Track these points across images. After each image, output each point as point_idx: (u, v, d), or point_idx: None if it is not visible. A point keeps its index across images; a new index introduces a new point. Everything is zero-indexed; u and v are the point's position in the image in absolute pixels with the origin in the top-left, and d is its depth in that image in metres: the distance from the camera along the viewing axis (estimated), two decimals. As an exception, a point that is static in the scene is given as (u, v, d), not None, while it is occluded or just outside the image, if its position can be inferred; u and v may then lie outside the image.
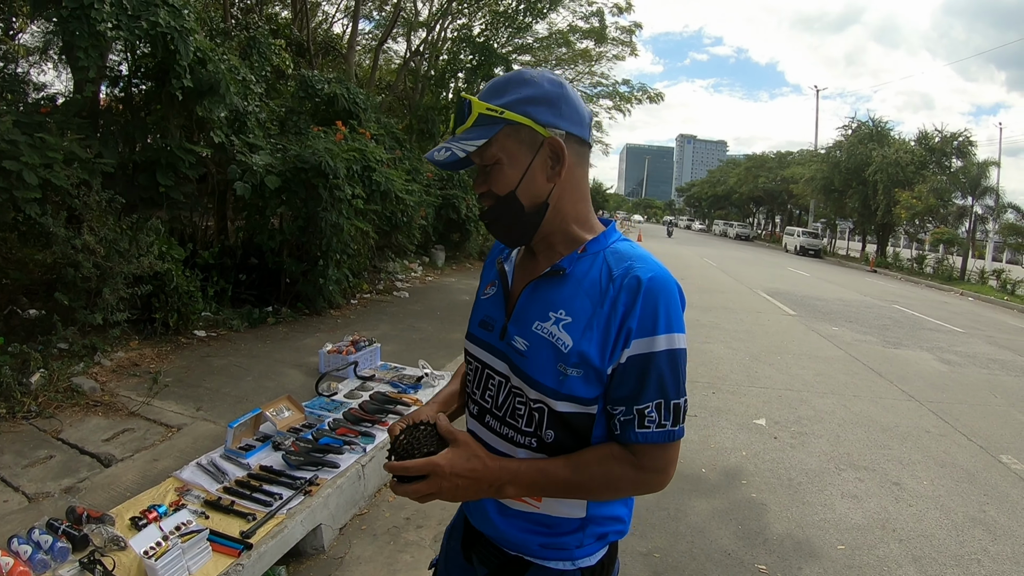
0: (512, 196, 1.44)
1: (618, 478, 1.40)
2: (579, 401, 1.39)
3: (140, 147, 8.03)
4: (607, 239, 1.52)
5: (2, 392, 5.20)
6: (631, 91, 34.06)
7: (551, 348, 1.40)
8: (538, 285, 1.49)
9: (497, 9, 21.69)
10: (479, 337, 1.60)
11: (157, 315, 7.32)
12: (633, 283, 1.38)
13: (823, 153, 45.00)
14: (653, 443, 1.38)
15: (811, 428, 6.41)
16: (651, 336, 1.35)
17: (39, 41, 10.29)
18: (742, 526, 4.35)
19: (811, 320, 13.38)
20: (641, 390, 1.36)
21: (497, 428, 1.51)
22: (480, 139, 1.40)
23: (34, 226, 6.24)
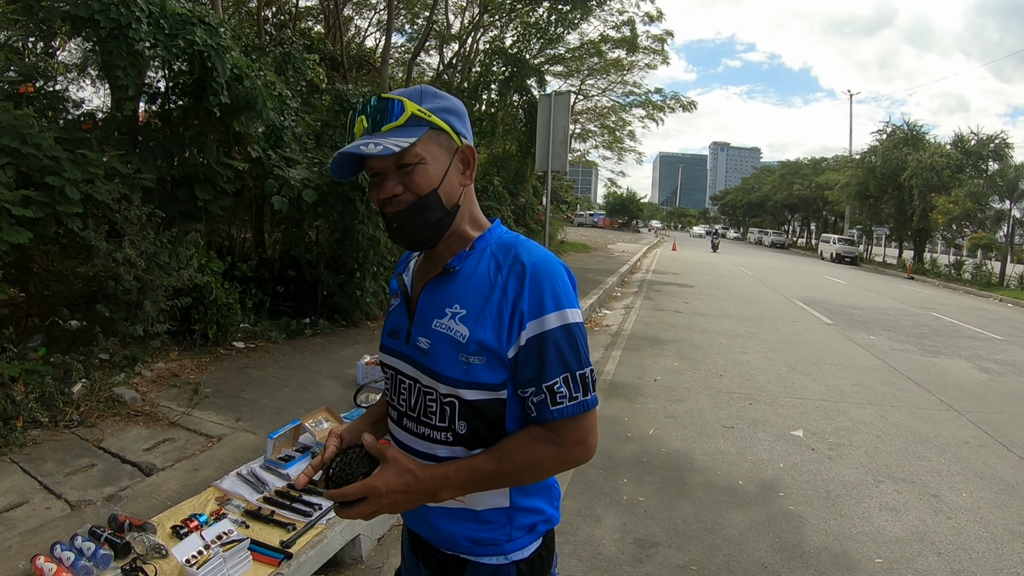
0: (434, 194, 1.48)
1: (542, 458, 1.45)
2: (486, 387, 1.46)
3: (178, 162, 8.15)
4: (492, 234, 1.61)
5: (45, 401, 5.32)
6: (664, 100, 34.03)
7: (450, 341, 1.46)
8: (434, 286, 1.56)
9: (528, 20, 21.77)
10: (389, 346, 1.66)
11: (196, 327, 7.44)
12: (519, 268, 1.46)
13: (858, 158, 44.42)
14: (569, 417, 1.43)
15: (848, 439, 6.33)
16: (542, 316, 1.42)
17: (77, 59, 10.51)
18: (779, 539, 4.30)
19: (848, 329, 13.24)
20: (544, 368, 1.42)
21: (414, 428, 1.56)
22: (410, 137, 1.44)
23: (76, 240, 6.37)
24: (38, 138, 5.76)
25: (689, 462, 5.54)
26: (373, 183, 1.52)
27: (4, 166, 5.46)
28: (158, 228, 6.91)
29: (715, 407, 7.09)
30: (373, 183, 1.52)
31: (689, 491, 4.96)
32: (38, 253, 7.51)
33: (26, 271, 6.93)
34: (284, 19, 21.22)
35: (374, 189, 1.52)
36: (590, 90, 34.45)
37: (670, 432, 6.24)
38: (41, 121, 6.02)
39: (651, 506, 4.67)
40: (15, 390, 5.19)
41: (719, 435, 6.22)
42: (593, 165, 50.02)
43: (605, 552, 4.02)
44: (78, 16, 6.32)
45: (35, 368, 5.56)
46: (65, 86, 8.75)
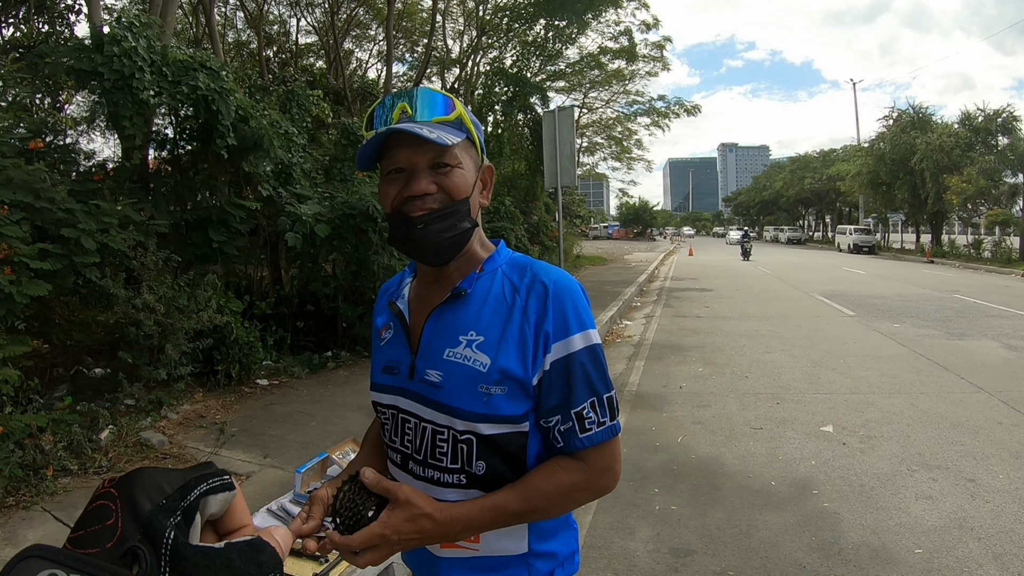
0: (467, 202, 1.41)
1: (571, 489, 1.37)
2: (509, 420, 1.35)
3: (191, 206, 8.23)
4: (500, 255, 1.52)
5: (73, 449, 5.37)
6: (668, 106, 34.08)
7: (468, 372, 1.36)
8: (441, 313, 1.45)
9: (526, 39, 21.88)
10: (385, 384, 1.52)
11: (219, 367, 7.48)
12: (540, 289, 1.39)
13: (867, 147, 44.19)
14: (598, 443, 1.36)
15: (879, 431, 6.28)
16: (568, 337, 1.36)
17: (84, 112, 10.66)
18: (816, 537, 4.26)
19: (871, 319, 13.16)
20: (572, 393, 1.35)
21: (420, 472, 1.42)
22: (459, 136, 1.37)
23: (94, 289, 6.47)
24: (51, 192, 5.84)
25: (720, 467, 5.51)
26: (393, 179, 1.39)
27: (19, 221, 5.53)
28: (175, 272, 6.99)
29: (742, 409, 7.06)
30: (393, 179, 1.39)
31: (721, 496, 4.93)
32: (58, 304, 7.60)
33: (48, 322, 7.02)
34: (286, 57, 21.47)
35: (393, 185, 1.39)
36: (594, 103, 34.71)
37: (699, 438, 6.21)
38: (53, 175, 6.11)
39: (684, 514, 4.65)
40: (43, 440, 5.24)
41: (748, 437, 6.19)
42: (603, 177, 50.09)
43: (640, 564, 4.00)
44: (82, 70, 6.42)
45: (62, 417, 5.61)
46: (75, 139, 8.88)
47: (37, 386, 5.57)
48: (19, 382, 5.19)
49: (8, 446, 4.93)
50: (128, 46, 6.52)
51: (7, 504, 4.73)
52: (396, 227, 1.41)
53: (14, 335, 5.49)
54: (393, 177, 1.39)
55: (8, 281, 5.26)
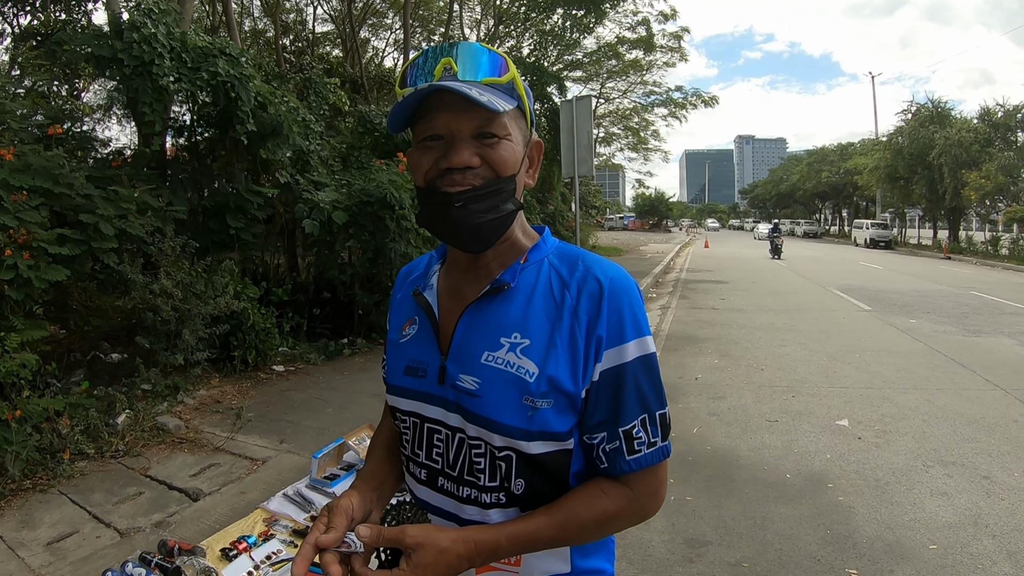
0: (512, 180, 1.23)
1: (612, 516, 1.22)
2: (554, 437, 1.20)
3: (208, 192, 8.26)
4: (546, 244, 1.34)
5: (90, 433, 5.42)
6: (685, 97, 33.94)
7: (512, 380, 1.19)
8: (478, 308, 1.26)
9: (544, 28, 21.83)
10: (408, 388, 1.33)
11: (236, 353, 7.53)
12: (594, 287, 1.22)
13: (884, 141, 43.76)
14: (647, 467, 1.21)
15: (895, 426, 6.23)
16: (622, 344, 1.20)
17: (102, 100, 10.70)
18: (830, 531, 4.23)
19: (887, 314, 13.07)
20: (621, 408, 1.19)
21: (454, 491, 1.26)
22: (511, 103, 1.18)
23: (112, 274, 6.50)
24: (70, 178, 5.88)
25: (735, 459, 5.49)
26: (428, 147, 1.20)
27: (38, 206, 5.57)
28: (192, 258, 7.02)
29: (758, 402, 7.03)
30: (428, 147, 1.20)
31: (736, 488, 4.91)
32: (76, 290, 7.65)
33: (65, 308, 7.07)
34: (302, 46, 21.46)
35: (428, 154, 1.20)
36: (611, 93, 34.52)
37: (714, 430, 6.19)
38: (71, 161, 6.14)
39: (699, 505, 4.63)
40: (61, 424, 5.29)
41: (763, 430, 6.16)
42: (620, 168, 49.87)
43: (655, 554, 3.99)
44: (101, 56, 6.43)
45: (79, 402, 5.66)
46: (92, 126, 8.92)
47: (54, 370, 5.62)
48: (37, 366, 5.23)
49: (26, 429, 4.97)
50: (147, 32, 6.53)
51: (24, 487, 4.78)
52: (429, 204, 1.23)
53: (32, 320, 5.53)
54: (429, 145, 1.20)
55: (27, 266, 5.30)
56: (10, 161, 5.63)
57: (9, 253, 5.23)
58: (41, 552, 3.97)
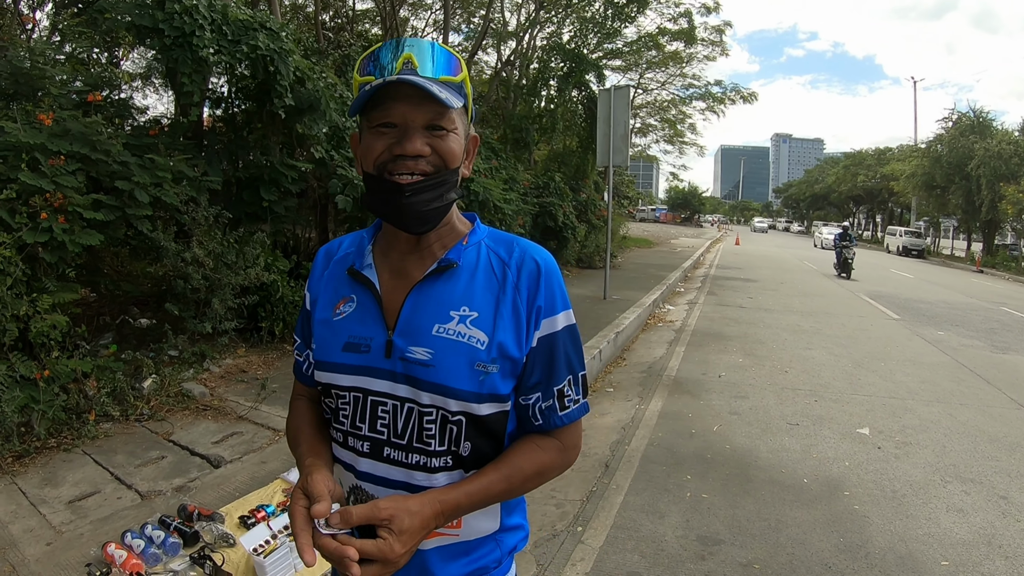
0: (456, 171, 1.34)
1: (549, 467, 1.39)
2: (499, 399, 1.32)
3: (243, 164, 8.31)
4: (480, 229, 1.46)
5: (116, 396, 5.52)
6: (724, 92, 33.63)
7: (464, 349, 1.29)
8: (425, 285, 1.36)
9: (585, 15, 21.69)
10: (349, 364, 1.37)
11: (263, 324, 7.61)
12: (532, 266, 1.36)
13: (923, 147, 43.09)
14: (574, 421, 1.40)
15: (915, 438, 6.17)
16: (554, 315, 1.36)
17: (141, 68, 10.77)
18: (843, 539, 4.22)
19: (915, 324, 12.92)
20: (554, 370, 1.36)
21: (402, 459, 1.33)
22: (460, 100, 1.29)
23: (145, 241, 6.57)
24: (107, 144, 5.93)
25: (753, 459, 5.48)
26: (382, 133, 1.28)
27: (75, 171, 5.63)
28: (225, 229, 7.07)
29: (780, 404, 7.00)
30: (382, 133, 1.28)
31: (753, 488, 4.91)
32: (108, 254, 7.75)
33: (97, 272, 7.16)
34: (341, 22, 21.45)
35: (381, 140, 1.27)
36: (649, 84, 34.25)
37: (734, 429, 6.18)
38: (109, 128, 6.19)
39: (715, 503, 4.64)
40: (87, 385, 5.38)
41: (784, 432, 6.14)
42: (654, 160, 49.50)
43: (668, 548, 4.00)
44: (142, 26, 6.47)
45: (106, 364, 5.74)
46: (130, 94, 8.98)
47: (84, 333, 5.70)
48: (67, 328, 5.32)
49: (53, 389, 5.06)
50: (189, 4, 6.56)
51: (49, 445, 4.89)
52: (377, 191, 1.31)
53: (64, 282, 5.60)
54: (382, 131, 1.28)
55: (61, 230, 5.37)
56: (49, 126, 5.68)
57: (45, 216, 5.30)
58: (62, 510, 4.05)
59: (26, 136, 5.43)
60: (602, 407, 6.78)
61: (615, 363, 8.68)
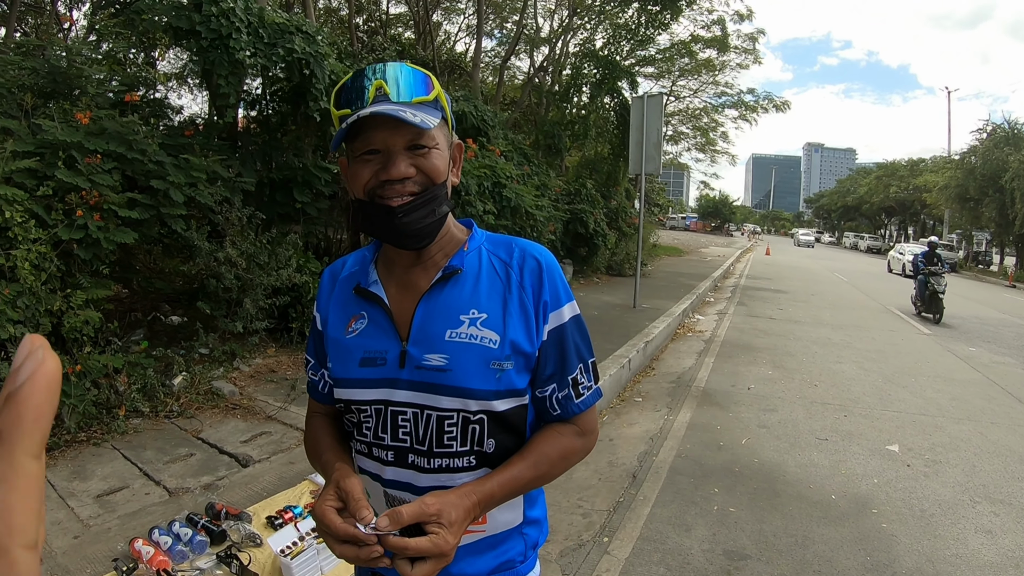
0: (444, 185, 1.37)
1: (571, 451, 1.43)
2: (517, 394, 1.37)
3: (276, 166, 8.38)
4: (478, 234, 1.51)
5: (146, 392, 5.58)
6: (757, 100, 33.42)
7: (478, 350, 1.33)
8: (433, 294, 1.40)
9: (618, 22, 21.64)
10: (368, 378, 1.40)
11: (294, 325, 7.65)
12: (533, 264, 1.41)
13: (957, 159, 42.42)
14: (590, 407, 1.45)
15: (945, 456, 6.07)
16: (560, 308, 1.40)
17: (176, 68, 10.89)
18: (870, 557, 4.16)
19: (947, 340, 12.73)
20: (566, 360, 1.40)
21: (425, 464, 1.36)
22: (437, 116, 1.32)
23: (178, 240, 6.65)
24: (143, 144, 6.00)
25: (781, 474, 5.43)
26: (367, 160, 1.32)
27: (111, 170, 5.71)
28: (258, 229, 7.13)
29: (809, 418, 6.93)
30: (367, 160, 1.32)
31: (781, 504, 4.86)
32: (141, 252, 7.86)
33: (130, 269, 7.25)
34: (375, 26, 21.59)
35: (367, 167, 1.31)
36: (681, 91, 34.09)
37: (763, 442, 6.13)
38: (145, 128, 6.27)
39: (742, 517, 4.60)
40: (118, 381, 5.45)
41: (812, 447, 6.08)
42: (685, 168, 49.25)
43: (693, 562, 3.97)
44: (179, 28, 6.54)
45: (137, 360, 5.81)
46: (165, 94, 9.08)
47: (116, 329, 5.77)
48: (99, 324, 5.40)
49: (84, 384, 5.13)
50: (226, 7, 6.63)
51: (79, 439, 4.96)
52: (370, 215, 1.35)
53: (98, 278, 5.68)
54: (367, 159, 1.32)
55: (96, 227, 5.45)
56: (86, 125, 5.77)
57: (80, 214, 5.38)
58: (90, 503, 4.09)
59: (63, 134, 5.52)
60: (630, 417, 6.74)
61: (644, 373, 8.63)
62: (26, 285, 4.87)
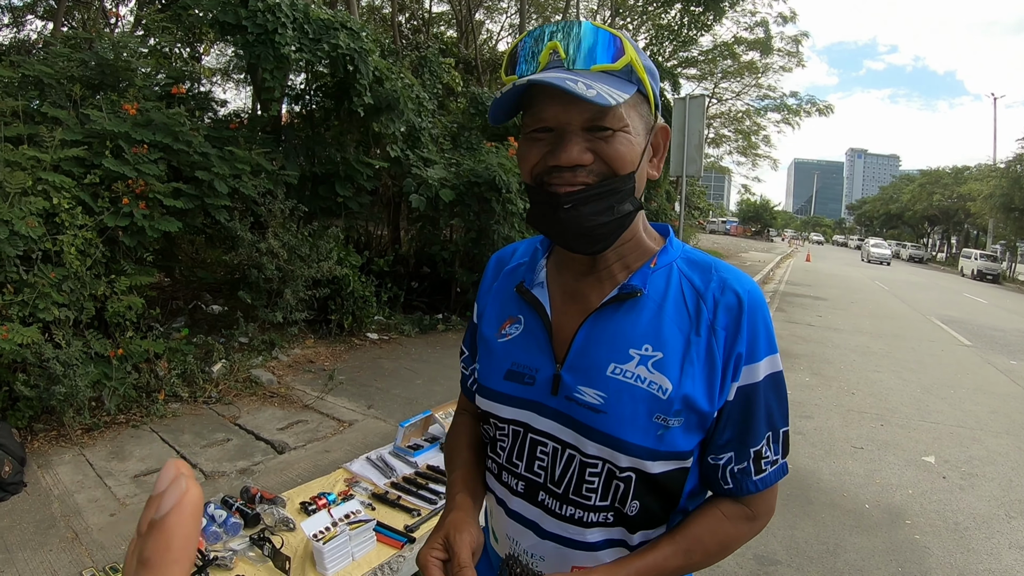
0: (631, 177, 1.10)
1: (734, 539, 1.20)
2: (679, 456, 1.12)
3: (319, 160, 8.47)
4: (673, 247, 1.23)
5: (186, 378, 5.71)
6: (800, 104, 33.10)
7: (643, 396, 1.10)
8: (602, 315, 1.16)
9: (660, 23, 21.56)
10: (511, 395, 1.22)
11: (333, 317, 7.79)
12: (732, 300, 1.13)
13: (1002, 167, 41.59)
14: (770, 487, 1.18)
15: (982, 470, 5.98)
16: (756, 362, 1.12)
17: (220, 64, 11.02)
18: (902, 568, 4.11)
19: (987, 352, 12.51)
20: (752, 426, 1.14)
21: (556, 508, 1.18)
22: (627, 91, 1.05)
23: (221, 230, 6.75)
24: (188, 135, 6.12)
25: (815, 481, 5.39)
26: (537, 139, 1.10)
27: (157, 160, 5.82)
28: (299, 222, 7.23)
29: (845, 426, 6.86)
30: (537, 139, 1.10)
31: (813, 511, 4.83)
32: (184, 241, 7.99)
33: (173, 257, 7.38)
34: (417, 24, 21.64)
35: (536, 147, 1.10)
36: (724, 93, 33.88)
37: (798, 449, 6.06)
38: (191, 120, 6.37)
39: (773, 523, 4.52)
40: (159, 366, 5.57)
41: (847, 455, 6.01)
42: (726, 171, 48.84)
43: (723, 566, 3.94)
44: (226, 22, 6.64)
45: (178, 347, 5.92)
46: (209, 88, 9.22)
47: (157, 315, 5.90)
48: (142, 310, 5.51)
49: (125, 368, 5.25)
50: (272, 2, 6.71)
51: (118, 421, 5.08)
52: (536, 203, 1.13)
53: (141, 266, 5.79)
54: (538, 136, 1.10)
55: (142, 215, 5.56)
56: (133, 115, 5.89)
57: (126, 201, 5.51)
58: (128, 483, 4.19)
59: (111, 124, 5.65)
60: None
61: (681, 374, 8.56)
62: (72, 270, 4.98)
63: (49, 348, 4.62)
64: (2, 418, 4.52)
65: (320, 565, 3.04)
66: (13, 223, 4.58)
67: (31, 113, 5.90)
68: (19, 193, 4.83)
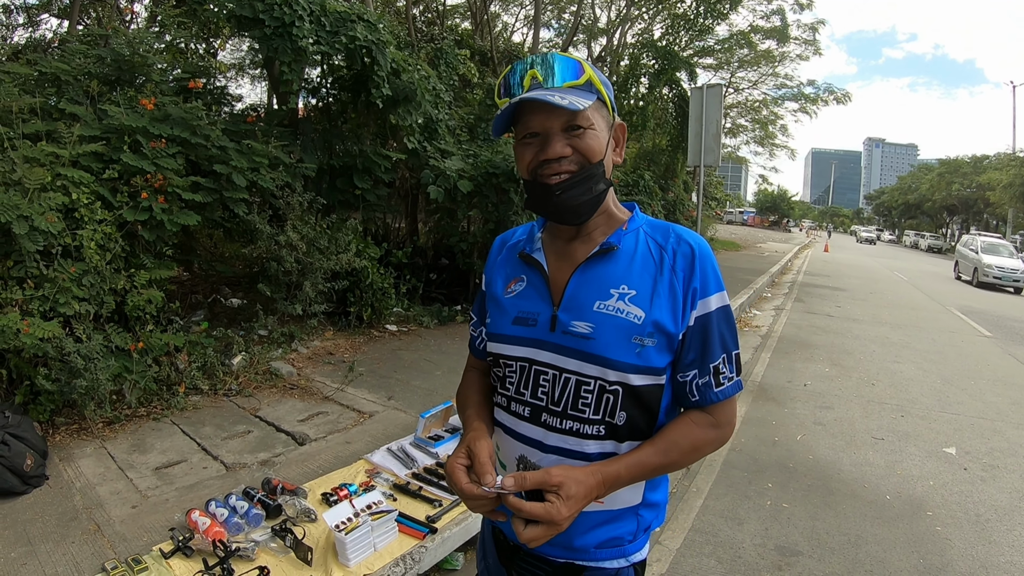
0: (601, 164, 1.45)
1: (704, 442, 1.46)
2: (654, 372, 1.41)
3: (336, 153, 8.48)
4: (638, 217, 1.58)
5: (206, 371, 5.74)
6: (817, 92, 32.84)
7: (622, 324, 1.40)
8: (588, 266, 1.49)
9: (676, 12, 21.43)
10: (519, 336, 1.53)
11: (352, 308, 7.81)
12: (687, 250, 1.46)
13: (1021, 156, 41.20)
14: (729, 397, 1.46)
15: (1004, 461, 5.91)
16: (709, 296, 1.43)
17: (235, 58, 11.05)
18: (923, 560, 4.08)
19: (1008, 343, 12.36)
20: (709, 348, 1.43)
21: (557, 424, 1.46)
22: (590, 99, 1.39)
23: (239, 223, 6.77)
24: (206, 129, 6.14)
25: (836, 472, 5.35)
26: (528, 143, 1.45)
27: (175, 155, 5.84)
28: (318, 214, 7.25)
29: (865, 417, 6.81)
30: (528, 143, 1.45)
31: (834, 502, 4.79)
32: (203, 235, 8.02)
33: (191, 251, 7.42)
34: (432, 16, 21.64)
35: (528, 149, 1.45)
36: (740, 83, 33.63)
37: (818, 439, 6.04)
38: (208, 114, 6.39)
39: (795, 513, 4.55)
40: (179, 359, 5.60)
41: (868, 446, 5.97)
42: (744, 161, 48.51)
43: (745, 556, 3.95)
44: (243, 16, 6.65)
45: (198, 340, 5.95)
46: (225, 83, 9.25)
47: (177, 309, 5.91)
48: (162, 303, 5.53)
49: (146, 361, 5.28)
50: (288, -5, 6.73)
51: (139, 413, 5.12)
52: (534, 194, 1.49)
53: (160, 260, 5.81)
54: (528, 141, 1.45)
55: (160, 209, 5.59)
56: (150, 110, 5.91)
57: (145, 196, 5.53)
58: (149, 475, 4.21)
59: (129, 119, 5.66)
60: (684, 408, 6.69)
61: (699, 366, 8.54)
62: (91, 264, 5.00)
63: (70, 342, 4.63)
64: (24, 412, 4.53)
65: (342, 556, 3.06)
66: (33, 219, 4.59)
67: (49, 110, 5.93)
68: (38, 189, 4.84)
